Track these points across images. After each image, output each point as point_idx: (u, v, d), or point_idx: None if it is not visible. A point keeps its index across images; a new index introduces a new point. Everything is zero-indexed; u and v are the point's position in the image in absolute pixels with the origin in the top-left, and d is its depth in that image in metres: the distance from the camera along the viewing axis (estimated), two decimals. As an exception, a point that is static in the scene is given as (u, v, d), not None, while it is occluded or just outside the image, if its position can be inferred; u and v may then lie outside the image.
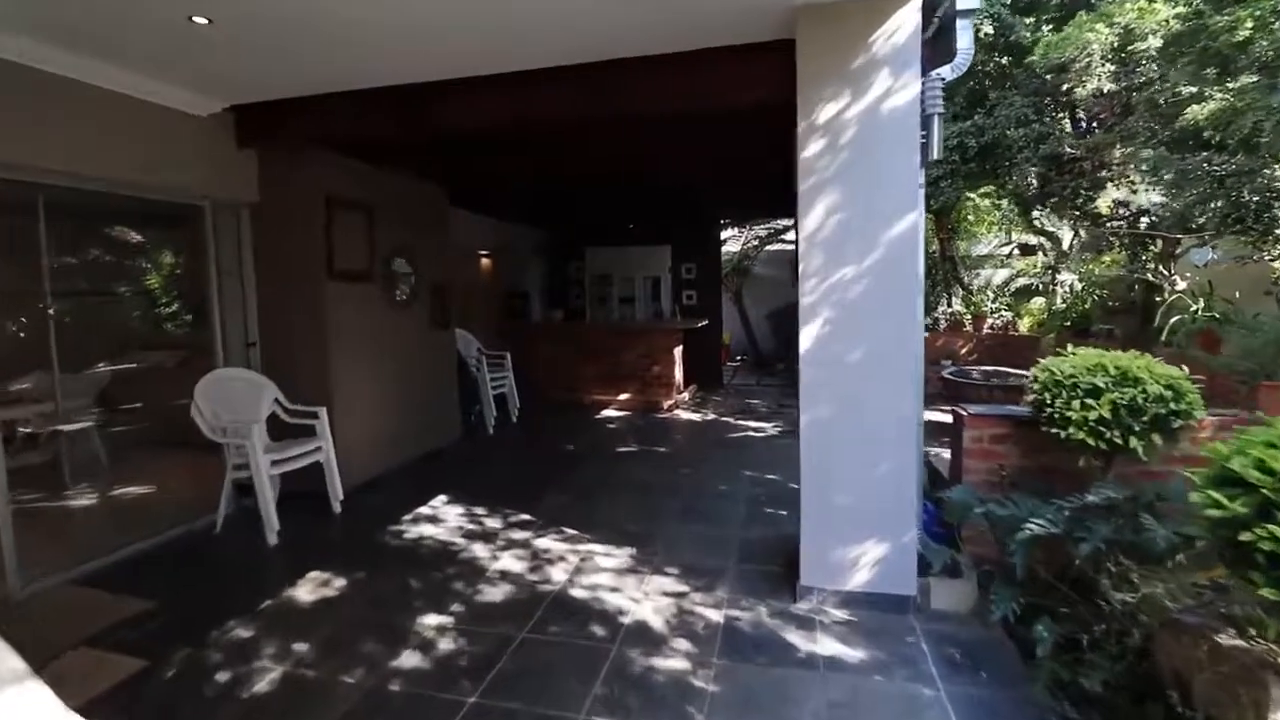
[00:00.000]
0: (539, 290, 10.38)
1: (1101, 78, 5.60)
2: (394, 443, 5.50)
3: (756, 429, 7.20)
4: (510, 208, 8.86)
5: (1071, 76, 5.83)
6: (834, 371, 3.13)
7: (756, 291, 12.75)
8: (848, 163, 3.04)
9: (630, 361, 8.33)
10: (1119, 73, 5.68)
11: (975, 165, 7.66)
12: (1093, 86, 5.73)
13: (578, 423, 7.63)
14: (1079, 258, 8.96)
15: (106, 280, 4.81)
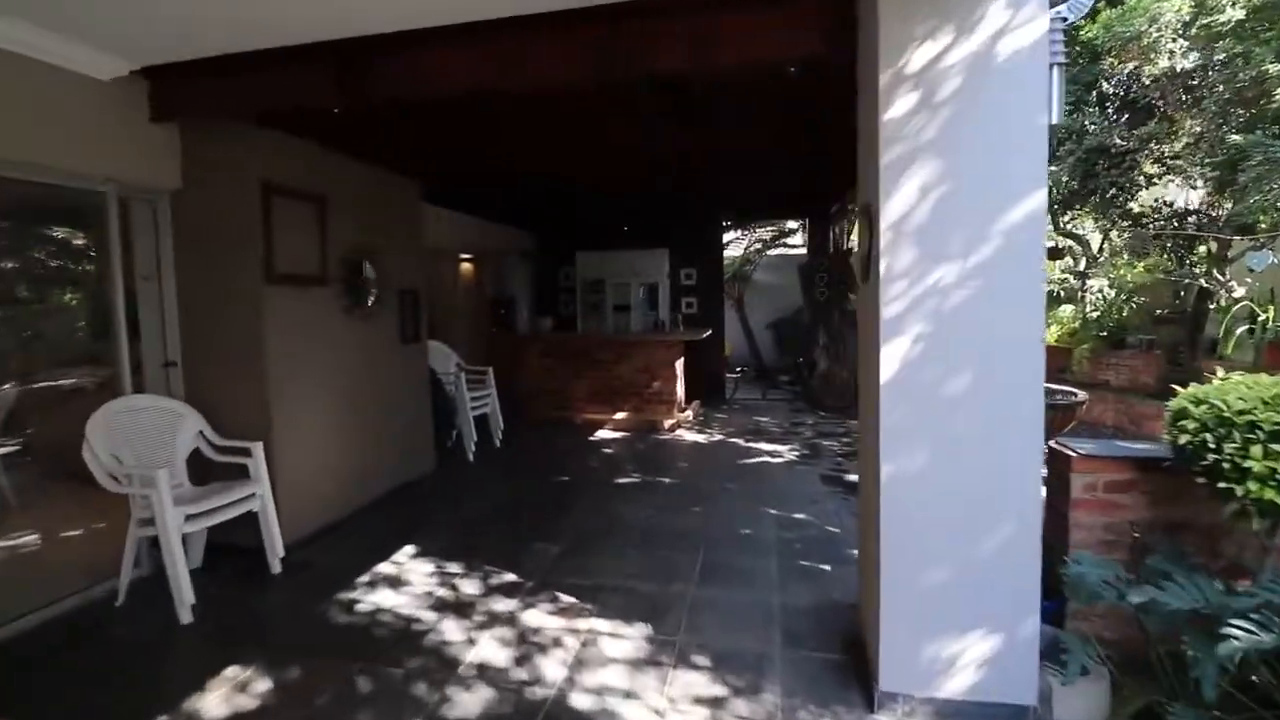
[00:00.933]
0: (526, 297, 9.53)
1: (1175, 54, 4.91)
2: (354, 479, 4.62)
3: (771, 453, 6.39)
4: (494, 206, 8.02)
5: (1134, 54, 5.13)
6: (927, 408, 2.33)
7: (757, 299, 12.00)
8: (951, 123, 2.25)
9: (627, 377, 7.50)
10: (1190, 50, 5.00)
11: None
12: (1164, 65, 5.04)
13: (570, 446, 6.78)
14: (1114, 261, 8.30)
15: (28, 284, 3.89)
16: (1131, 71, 5.52)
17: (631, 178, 6.47)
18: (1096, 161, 6.22)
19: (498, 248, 8.72)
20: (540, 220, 9.35)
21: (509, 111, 4.20)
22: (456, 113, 4.09)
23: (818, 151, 5.52)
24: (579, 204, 8.13)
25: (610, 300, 9.21)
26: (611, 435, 7.23)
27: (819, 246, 9.21)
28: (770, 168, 6.62)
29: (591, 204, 8.22)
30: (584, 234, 9.48)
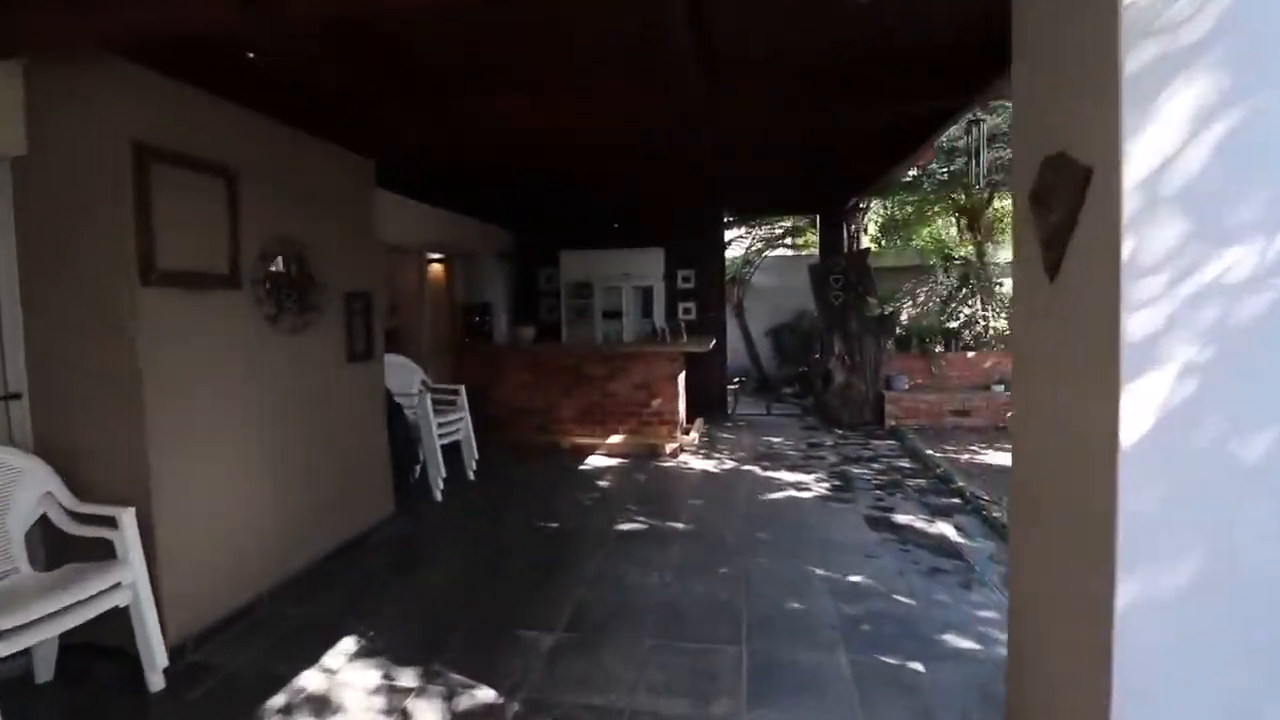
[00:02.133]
0: (504, 303, 8.47)
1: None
2: (278, 543, 3.54)
3: (796, 485, 5.44)
4: (466, 196, 6.97)
5: None
6: (1203, 486, 1.38)
7: (756, 304, 11.10)
8: (1236, 18, 1.31)
9: (623, 394, 6.51)
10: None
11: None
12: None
13: (557, 478, 5.75)
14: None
15: None
16: None
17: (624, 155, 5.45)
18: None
19: (471, 246, 7.67)
20: (519, 215, 8.32)
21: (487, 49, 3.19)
22: (420, 50, 3.07)
23: (835, 143, 4.63)
24: (563, 195, 7.11)
25: (599, 305, 8.21)
26: (605, 463, 6.22)
27: (832, 245, 8.32)
28: (782, 156, 5.70)
29: (577, 195, 7.21)
30: (568, 231, 8.46)
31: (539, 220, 8.48)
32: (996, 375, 8.09)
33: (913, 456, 6.32)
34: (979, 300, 8.81)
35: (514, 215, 8.16)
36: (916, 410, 7.74)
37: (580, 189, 6.72)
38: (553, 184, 6.22)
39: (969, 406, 7.73)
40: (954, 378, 8.20)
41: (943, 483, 5.46)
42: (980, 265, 8.88)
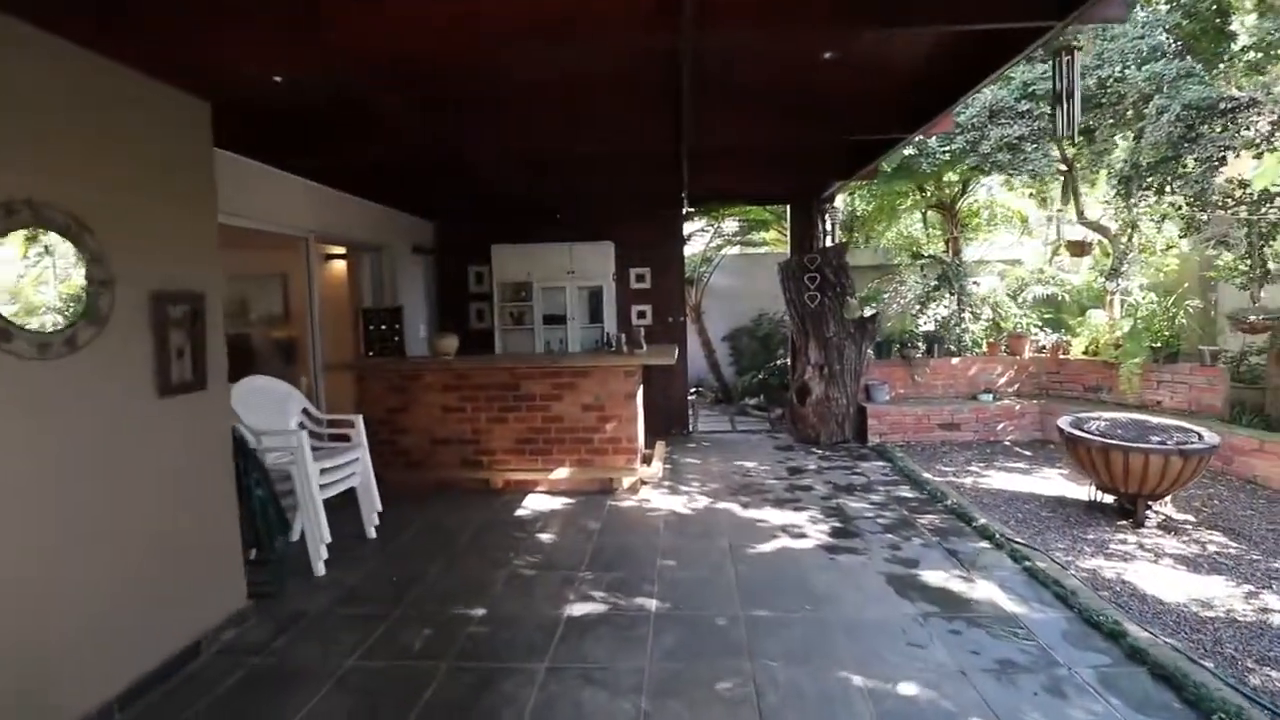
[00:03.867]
0: (423, 308, 7.12)
1: None
2: (39, 682, 2.18)
3: (789, 530, 4.38)
4: (375, 179, 5.63)
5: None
6: None
7: (712, 307, 10.09)
8: None
9: (569, 418, 5.30)
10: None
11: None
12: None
13: (487, 533, 4.49)
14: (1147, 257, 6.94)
15: None
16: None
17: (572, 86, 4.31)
18: (1195, 121, 4.66)
19: (377, 238, 6.30)
20: (439, 200, 6.99)
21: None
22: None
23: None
24: (493, 177, 5.86)
25: (539, 309, 6.98)
26: (548, 505, 4.99)
27: (803, 240, 7.38)
28: (757, 132, 4.69)
29: (511, 177, 5.98)
30: (502, 221, 7.21)
31: (465, 207, 7.18)
32: (983, 383, 7.34)
33: (912, 483, 5.39)
34: (955, 301, 8.06)
35: (433, 200, 6.84)
36: (902, 425, 6.86)
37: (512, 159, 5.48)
38: (471, 128, 4.93)
39: (958, 419, 6.92)
40: (938, 386, 7.39)
41: (959, 519, 4.52)
42: (956, 263, 8.14)
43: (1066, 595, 3.33)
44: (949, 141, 6.09)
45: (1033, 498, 5.02)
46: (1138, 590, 3.47)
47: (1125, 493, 4.37)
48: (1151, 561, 3.83)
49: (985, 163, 5.80)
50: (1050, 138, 5.60)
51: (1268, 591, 3.42)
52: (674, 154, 4.93)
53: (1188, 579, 3.59)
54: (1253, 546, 3.99)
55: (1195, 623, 3.13)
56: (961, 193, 8.53)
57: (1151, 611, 3.26)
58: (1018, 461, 6.09)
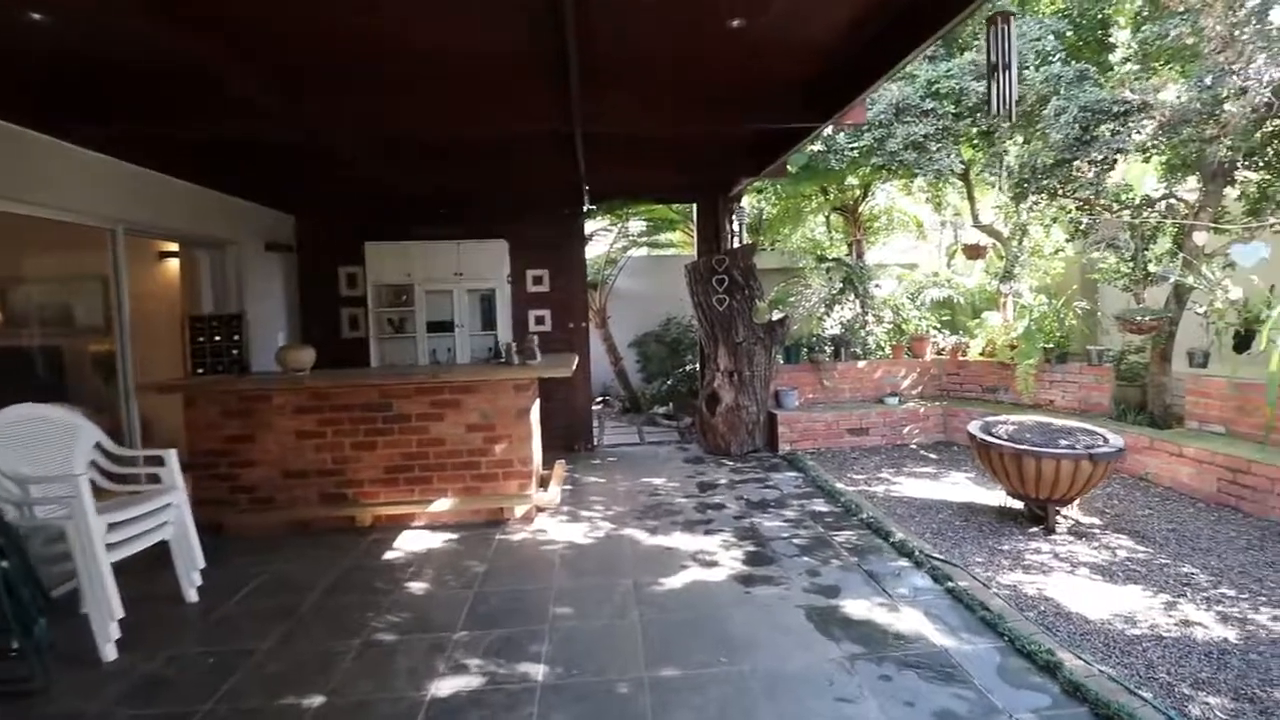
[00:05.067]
0: (280, 314, 6.17)
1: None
2: None
3: (700, 558, 3.93)
4: (212, 161, 4.72)
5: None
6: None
7: (618, 311, 9.62)
8: None
9: (452, 440, 4.62)
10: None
11: (974, 121, 5.31)
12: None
13: (343, 586, 3.73)
14: (1035, 260, 7.12)
15: None
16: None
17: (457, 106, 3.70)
18: (1089, 123, 4.67)
19: (219, 233, 5.33)
20: (303, 193, 6.09)
21: None
22: None
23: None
24: (362, 164, 5.09)
25: (421, 315, 6.20)
26: (425, 544, 4.28)
27: (711, 241, 7.03)
28: (657, 131, 4.27)
29: (383, 165, 5.23)
30: (378, 216, 6.38)
31: (333, 199, 6.30)
32: (888, 386, 7.29)
33: (826, 495, 5.11)
34: (859, 304, 8.02)
35: (293, 190, 5.93)
36: (812, 432, 6.65)
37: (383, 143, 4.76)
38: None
39: (866, 424, 6.80)
40: (845, 390, 7.26)
41: (875, 535, 4.25)
42: (860, 266, 8.10)
43: (994, 621, 3.07)
44: (858, 138, 5.94)
45: (944, 505, 4.86)
46: (1061, 608, 3.27)
47: (1036, 498, 4.25)
48: (1069, 572, 3.68)
49: (892, 161, 5.69)
50: (953, 139, 5.56)
51: (1183, 600, 3.31)
52: (567, 139, 4.39)
53: (1106, 591, 3.45)
54: (1158, 549, 3.94)
55: (1124, 643, 2.94)
56: (863, 196, 8.54)
57: (1079, 632, 3.05)
58: (925, 466, 5.99)
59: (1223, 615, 3.15)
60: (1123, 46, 5.93)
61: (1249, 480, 4.47)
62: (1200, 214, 5.28)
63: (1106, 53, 5.96)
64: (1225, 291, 5.10)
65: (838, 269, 8.08)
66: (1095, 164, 4.83)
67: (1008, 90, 2.19)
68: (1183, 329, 5.63)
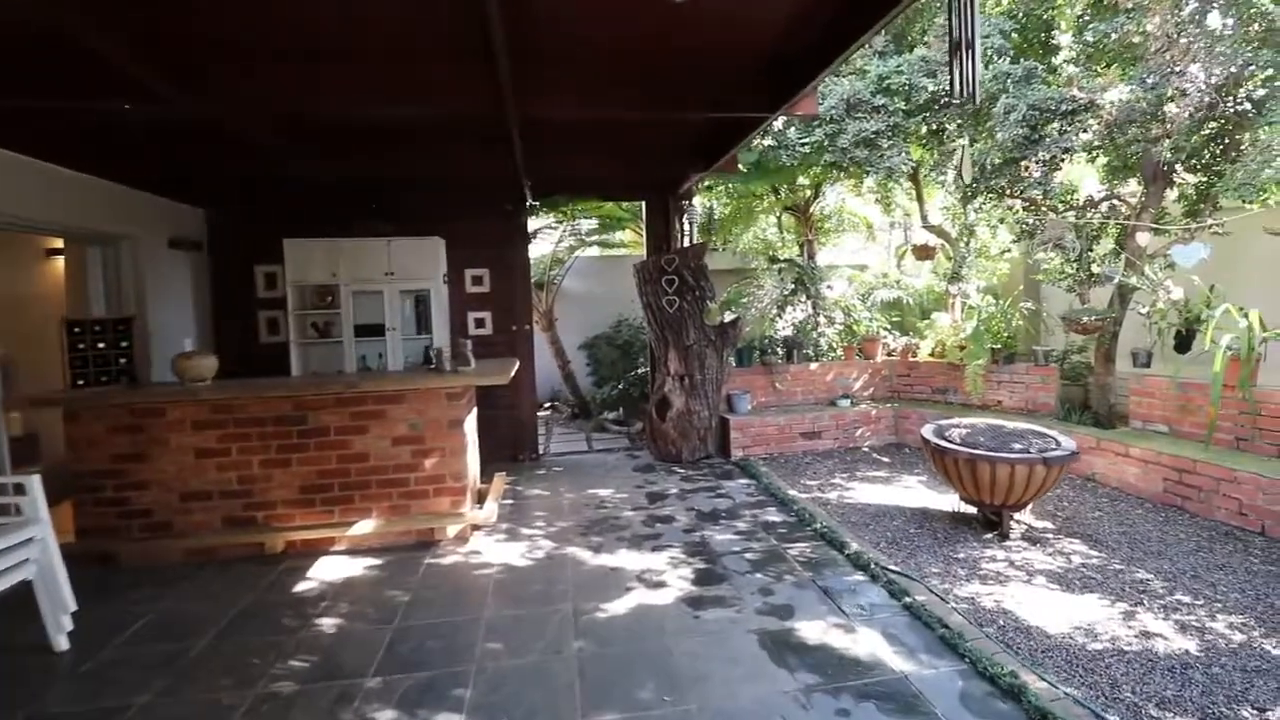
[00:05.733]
0: (183, 318, 5.61)
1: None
2: None
3: (644, 576, 3.66)
4: (97, 145, 4.20)
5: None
6: None
7: (567, 313, 9.29)
8: None
9: (377, 454, 4.22)
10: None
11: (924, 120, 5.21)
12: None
13: (243, 626, 3.31)
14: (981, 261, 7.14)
15: None
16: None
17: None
18: (1036, 123, 4.61)
19: (110, 226, 4.78)
20: (212, 184, 5.57)
21: None
22: None
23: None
24: (277, 152, 4.64)
25: (349, 319, 5.73)
26: (344, 572, 3.88)
27: (661, 240, 6.78)
28: (605, 121, 4.01)
29: (301, 154, 4.78)
30: (300, 211, 5.90)
31: (248, 192, 5.79)
32: (840, 389, 7.19)
33: (779, 503, 4.92)
34: (811, 305, 7.91)
35: (200, 180, 5.41)
36: (765, 436, 6.47)
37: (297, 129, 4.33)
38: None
39: (819, 427, 6.66)
40: (798, 393, 7.13)
41: (830, 546, 4.07)
42: (811, 267, 8.00)
43: (954, 640, 2.89)
44: (809, 133, 5.80)
45: (898, 511, 4.73)
46: (1021, 622, 3.13)
47: (991, 504, 4.15)
48: (1025, 582, 3.56)
49: (844, 158, 5.56)
50: (904, 137, 5.46)
51: (1141, 609, 3.22)
52: (502, 128, 4.05)
53: (1064, 601, 3.33)
54: (1111, 554, 3.88)
55: (1085, 660, 2.80)
56: (814, 196, 8.46)
57: (1040, 648, 2.91)
58: (878, 469, 5.88)
59: (1181, 624, 3.06)
60: (1066, 49, 5.97)
61: (1194, 480, 4.48)
62: (1142, 215, 5.33)
63: (1051, 55, 5.98)
64: (1167, 292, 5.14)
65: (790, 270, 7.96)
66: (1042, 164, 4.79)
67: (970, 70, 1.99)
68: (1126, 329, 5.68)
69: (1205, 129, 4.71)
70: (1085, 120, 4.55)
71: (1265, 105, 4.40)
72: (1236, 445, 4.60)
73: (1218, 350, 4.43)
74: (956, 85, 2.01)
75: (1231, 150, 4.75)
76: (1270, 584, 3.44)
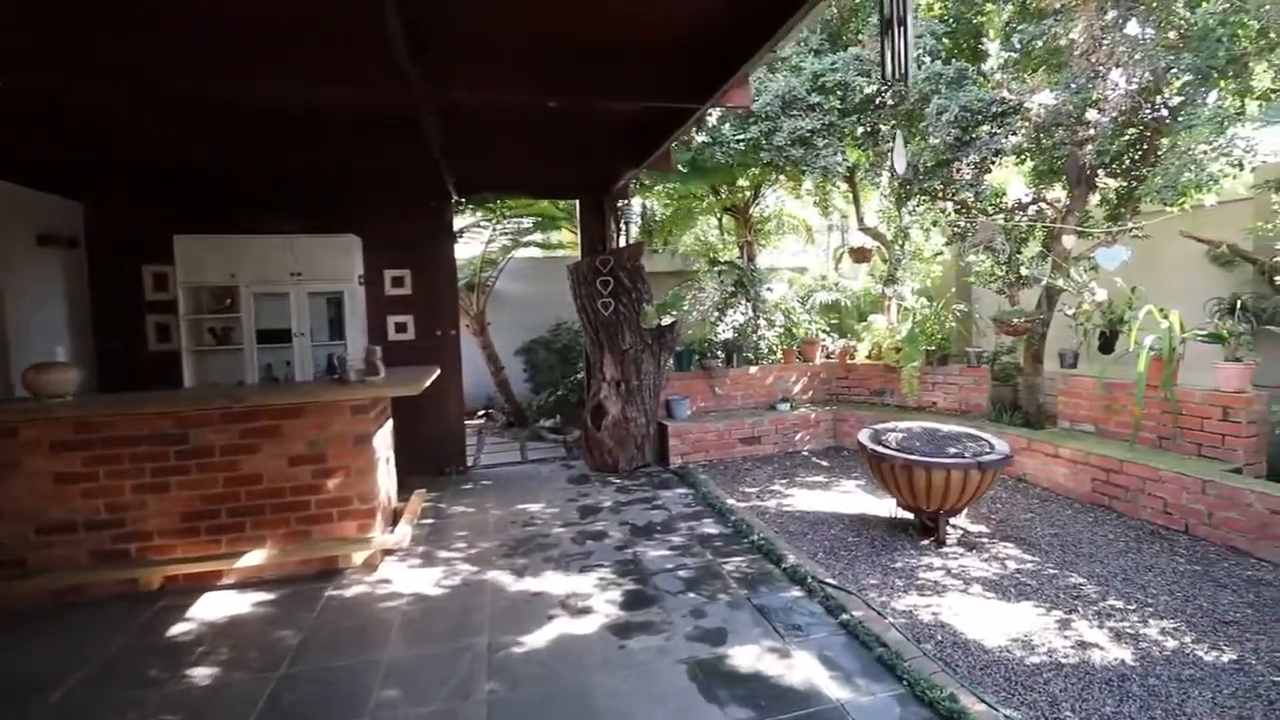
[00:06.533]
0: (63, 327, 5.01)
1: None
2: None
3: (570, 602, 3.38)
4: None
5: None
6: None
7: (504, 316, 8.91)
8: None
9: (272, 475, 3.79)
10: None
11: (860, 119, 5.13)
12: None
13: (100, 680, 2.86)
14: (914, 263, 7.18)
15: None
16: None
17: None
18: (968, 125, 4.59)
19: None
20: (88, 173, 5.00)
21: None
22: None
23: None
24: (161, 137, 4.15)
25: (250, 323, 5.23)
26: (229, 610, 3.44)
27: (596, 240, 6.52)
28: (534, 118, 3.73)
29: (190, 141, 4.30)
30: (195, 205, 5.36)
31: (132, 182, 5.22)
32: (780, 392, 7.09)
33: (716, 514, 4.73)
34: (751, 307, 7.80)
35: (73, 169, 4.83)
36: (704, 443, 6.29)
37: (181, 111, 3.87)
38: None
39: (758, 432, 6.53)
40: (738, 397, 6.99)
41: (767, 559, 3.89)
42: (751, 269, 7.90)
43: (892, 660, 2.74)
44: (744, 129, 5.65)
45: (836, 519, 4.61)
46: (958, 636, 3.01)
47: (927, 510, 4.06)
48: (962, 591, 3.47)
49: (779, 156, 5.44)
50: (839, 136, 5.38)
51: (1076, 616, 3.16)
52: (415, 113, 3.71)
53: (1000, 610, 3.24)
54: (1045, 558, 3.84)
55: (1024, 676, 2.69)
56: (754, 198, 8.36)
57: (979, 665, 2.79)
58: (817, 474, 5.78)
59: (1115, 632, 3.00)
60: (994, 56, 6.03)
61: (1121, 480, 4.53)
62: (1067, 218, 5.40)
63: (980, 61, 6.03)
64: (1091, 294, 5.21)
65: (730, 272, 7.82)
66: (973, 166, 4.78)
67: (902, 50, 1.82)
68: (1053, 330, 5.76)
69: (1126, 134, 4.79)
70: (1015, 123, 4.56)
71: (1181, 111, 4.49)
72: (1160, 444, 4.68)
73: (1141, 351, 4.49)
74: (888, 65, 1.83)
75: (1151, 155, 4.85)
76: (1197, 584, 3.45)
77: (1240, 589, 3.38)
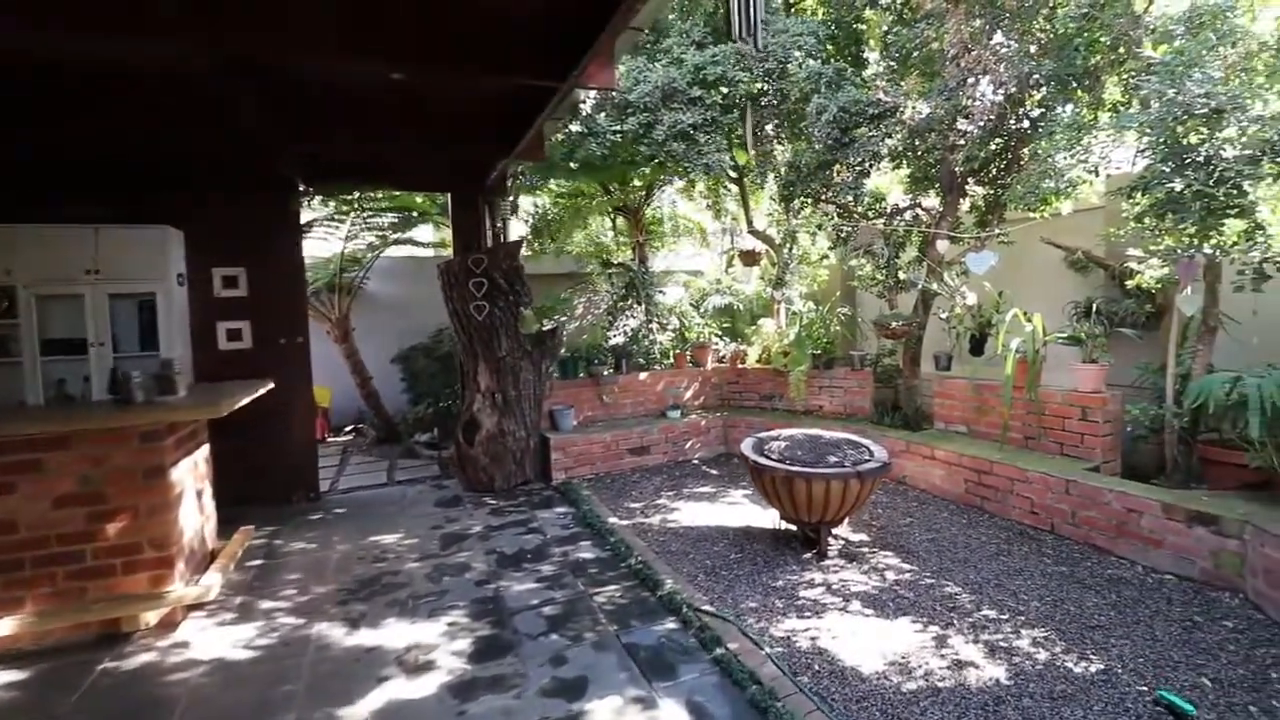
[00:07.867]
0: None
1: None
2: None
3: (409, 658, 2.88)
4: None
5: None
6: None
7: (375, 322, 8.14)
8: None
9: (30, 522, 3.03)
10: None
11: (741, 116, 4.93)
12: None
13: None
14: (803, 267, 7.17)
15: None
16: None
17: None
18: (847, 127, 4.50)
19: None
20: None
21: None
22: None
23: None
24: None
25: (32, 331, 4.30)
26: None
27: (470, 239, 5.98)
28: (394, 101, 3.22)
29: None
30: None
31: None
32: (671, 398, 6.85)
33: (595, 535, 4.37)
34: (644, 311, 7.54)
35: None
36: (590, 455, 5.92)
37: None
38: None
39: (647, 441, 6.25)
40: (628, 405, 6.68)
41: (643, 586, 3.57)
42: (643, 271, 7.63)
43: (766, 702, 2.48)
44: (621, 121, 5.33)
45: (721, 534, 4.38)
46: (836, 664, 2.81)
47: (809, 522, 3.89)
48: (841, 610, 3.29)
49: (660, 151, 5.17)
50: (722, 133, 5.19)
51: (952, 631, 3.04)
52: (245, 80, 3.08)
53: (878, 629, 3.08)
54: (923, 566, 3.76)
55: (900, 706, 2.51)
56: (646, 198, 8.11)
57: (855, 696, 2.58)
58: (705, 484, 5.56)
59: (990, 647, 2.90)
60: (874, 64, 6.08)
61: (991, 481, 4.58)
62: (940, 224, 5.49)
63: (861, 68, 6.05)
64: (963, 298, 5.31)
65: (622, 274, 7.52)
66: (853, 169, 4.72)
67: (752, 11, 1.51)
68: (929, 333, 5.85)
69: (993, 143, 4.89)
70: (892, 125, 4.53)
71: (1041, 121, 4.62)
72: (1027, 444, 4.80)
73: (1008, 353, 4.57)
74: (736, 25, 1.53)
75: (1015, 165, 4.98)
76: (1064, 586, 3.45)
77: (1103, 589, 3.42)
